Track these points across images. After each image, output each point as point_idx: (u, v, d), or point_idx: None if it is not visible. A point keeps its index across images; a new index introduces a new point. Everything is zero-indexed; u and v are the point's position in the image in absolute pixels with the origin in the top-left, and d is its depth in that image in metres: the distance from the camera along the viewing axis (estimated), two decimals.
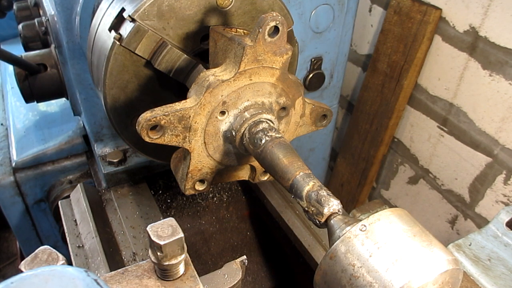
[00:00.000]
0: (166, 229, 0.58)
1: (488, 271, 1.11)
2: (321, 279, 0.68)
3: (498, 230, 1.19)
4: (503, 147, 1.73)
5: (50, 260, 0.51)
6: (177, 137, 0.89)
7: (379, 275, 0.62)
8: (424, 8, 1.82)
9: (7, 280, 0.41)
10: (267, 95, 0.94)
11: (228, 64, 0.89)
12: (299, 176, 0.81)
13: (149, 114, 0.84)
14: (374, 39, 2.17)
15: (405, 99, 2.06)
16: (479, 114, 1.79)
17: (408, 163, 2.22)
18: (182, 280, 0.61)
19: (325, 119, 1.09)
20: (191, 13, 0.95)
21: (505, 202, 1.79)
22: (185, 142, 0.91)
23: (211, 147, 0.95)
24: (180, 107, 0.86)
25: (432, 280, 0.61)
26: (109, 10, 1.03)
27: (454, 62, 1.82)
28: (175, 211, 1.49)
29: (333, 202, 0.75)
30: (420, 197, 2.21)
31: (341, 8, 1.61)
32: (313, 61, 1.71)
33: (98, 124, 1.44)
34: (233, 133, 0.93)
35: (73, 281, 0.42)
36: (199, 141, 0.92)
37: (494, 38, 1.65)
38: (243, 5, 0.98)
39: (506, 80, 1.65)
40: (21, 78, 1.46)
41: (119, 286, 0.59)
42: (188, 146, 0.92)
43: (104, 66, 0.97)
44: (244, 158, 1.02)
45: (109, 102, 1.01)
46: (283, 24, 0.85)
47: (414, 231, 0.66)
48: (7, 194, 1.71)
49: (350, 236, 0.66)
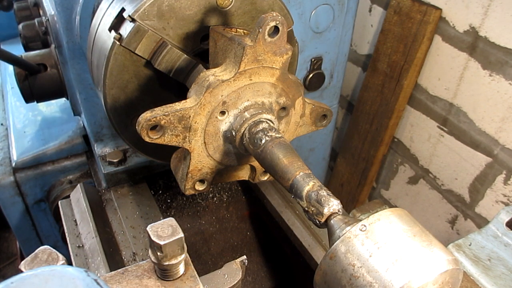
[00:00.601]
0: (166, 229, 0.58)
1: (488, 271, 1.11)
2: (321, 279, 0.68)
3: (498, 230, 1.19)
4: (503, 147, 1.73)
5: (50, 260, 0.51)
6: (177, 137, 0.89)
7: (379, 275, 0.62)
8: (424, 8, 1.82)
9: (7, 280, 0.41)
10: (267, 95, 0.95)
11: (228, 64, 0.89)
12: (299, 176, 0.81)
13: (149, 114, 0.84)
14: (374, 39, 2.17)
15: (405, 99, 2.06)
16: (479, 114, 1.79)
17: (408, 163, 2.22)
18: (182, 280, 0.61)
19: (325, 119, 1.09)
20: (191, 13, 0.95)
21: (505, 202, 1.79)
22: (185, 142, 0.91)
23: (211, 147, 0.95)
24: (180, 107, 0.86)
25: (432, 280, 0.61)
26: (109, 10, 1.03)
27: (454, 62, 1.82)
28: (175, 211, 1.49)
29: (333, 202, 0.75)
30: (420, 197, 2.21)
31: (341, 8, 1.61)
32: (313, 61, 1.71)
33: (98, 124, 1.44)
34: (233, 133, 0.93)
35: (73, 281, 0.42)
36: (199, 141, 0.92)
37: (494, 38, 1.65)
38: (243, 5, 0.98)
39: (506, 80, 1.65)
40: (21, 78, 1.46)
41: (119, 286, 0.59)
42: (188, 146, 0.92)
43: (104, 66, 0.97)
44: (244, 158, 1.02)
45: (109, 102, 1.01)
46: (283, 24, 0.85)
47: (414, 231, 0.66)
48: (7, 194, 1.71)
49: (350, 236, 0.66)
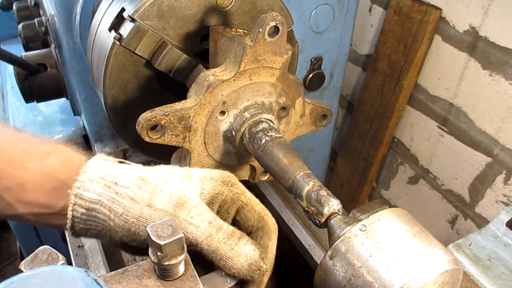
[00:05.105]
0: (166, 229, 0.58)
1: (488, 271, 1.11)
2: (321, 279, 0.68)
3: (498, 230, 1.19)
4: (503, 147, 1.73)
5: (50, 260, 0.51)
6: (177, 137, 0.89)
7: (379, 275, 0.62)
8: (424, 8, 1.82)
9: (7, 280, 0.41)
10: (267, 95, 0.95)
11: (228, 64, 0.89)
12: (299, 176, 0.81)
13: (149, 114, 0.84)
14: (374, 39, 2.17)
15: (405, 99, 2.06)
16: (479, 114, 1.79)
17: (408, 163, 2.22)
18: (182, 280, 0.61)
19: (325, 119, 1.09)
20: (191, 13, 0.95)
21: (505, 202, 1.79)
22: (185, 142, 0.91)
23: (211, 147, 0.95)
24: (180, 107, 0.86)
25: (432, 280, 0.61)
26: (109, 10, 1.03)
27: (454, 62, 1.82)
28: None
29: (333, 202, 0.75)
30: (420, 197, 2.21)
31: (341, 8, 1.61)
32: (313, 61, 1.71)
33: (98, 124, 1.44)
34: (233, 133, 0.93)
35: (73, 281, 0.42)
36: (199, 141, 0.92)
37: (494, 38, 1.65)
38: (243, 5, 0.98)
39: (506, 80, 1.65)
40: (21, 78, 1.45)
41: (119, 286, 0.59)
42: (188, 146, 0.92)
43: (104, 66, 0.97)
44: (244, 158, 1.02)
45: (109, 102, 1.01)
46: (283, 24, 0.85)
47: (414, 231, 0.66)
48: None
49: (350, 236, 0.66)
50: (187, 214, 0.66)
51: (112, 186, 0.68)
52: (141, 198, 0.67)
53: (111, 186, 0.68)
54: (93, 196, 0.67)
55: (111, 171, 0.70)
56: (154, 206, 0.66)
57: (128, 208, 0.66)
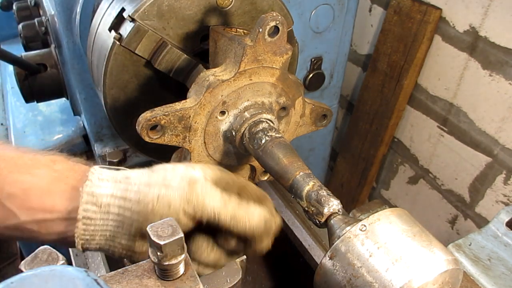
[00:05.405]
0: (166, 229, 0.58)
1: (488, 271, 1.11)
2: (321, 279, 0.68)
3: (498, 230, 1.19)
4: (503, 147, 1.73)
5: (50, 260, 0.51)
6: (177, 137, 0.89)
7: (379, 275, 0.62)
8: (424, 8, 1.82)
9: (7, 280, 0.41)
10: (267, 95, 0.95)
11: (228, 64, 0.89)
12: (299, 176, 0.81)
13: (149, 114, 0.84)
14: (374, 39, 2.17)
15: (405, 99, 2.06)
16: (479, 114, 1.79)
17: (408, 163, 2.22)
18: (182, 280, 0.61)
19: (325, 119, 1.09)
20: (191, 13, 0.95)
21: (505, 202, 1.79)
22: (185, 142, 0.91)
23: (211, 147, 0.95)
24: (180, 107, 0.86)
25: (432, 280, 0.61)
26: (109, 10, 1.03)
27: (454, 62, 1.82)
28: None
29: (333, 202, 0.76)
30: (420, 197, 2.21)
31: (341, 8, 1.61)
32: (313, 61, 1.71)
33: (98, 124, 1.44)
34: (233, 133, 0.93)
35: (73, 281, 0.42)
36: (199, 141, 0.92)
37: (494, 38, 1.65)
38: (243, 5, 0.98)
39: (506, 80, 1.65)
40: (21, 78, 1.45)
41: (119, 286, 0.59)
42: (188, 146, 0.92)
43: (104, 66, 0.97)
44: (244, 158, 1.02)
45: (109, 102, 1.01)
46: (283, 24, 0.85)
47: (414, 231, 0.66)
48: None
49: (350, 236, 0.66)
50: (202, 188, 0.71)
51: (123, 180, 0.71)
52: (156, 182, 0.70)
53: (122, 180, 0.71)
54: (105, 191, 0.69)
55: (118, 172, 0.73)
56: (170, 186, 0.70)
57: (146, 193, 0.69)
